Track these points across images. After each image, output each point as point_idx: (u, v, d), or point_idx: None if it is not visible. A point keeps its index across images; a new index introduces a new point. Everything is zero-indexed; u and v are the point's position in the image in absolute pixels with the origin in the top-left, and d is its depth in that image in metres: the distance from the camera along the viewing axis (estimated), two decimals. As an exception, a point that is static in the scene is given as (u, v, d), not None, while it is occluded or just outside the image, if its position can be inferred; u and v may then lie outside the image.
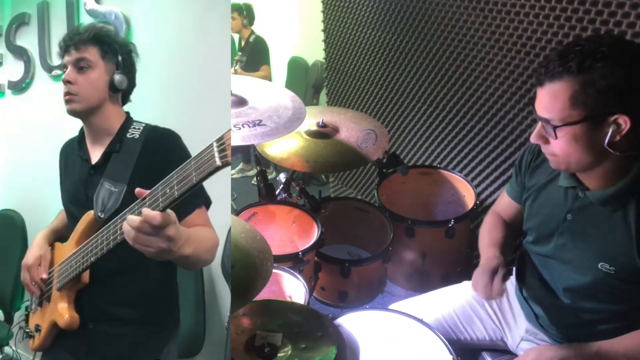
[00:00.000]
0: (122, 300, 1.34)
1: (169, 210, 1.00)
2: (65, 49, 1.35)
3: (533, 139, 1.15)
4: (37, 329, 1.39)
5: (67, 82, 1.32)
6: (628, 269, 1.12)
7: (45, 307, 1.37)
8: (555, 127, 1.08)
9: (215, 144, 0.87)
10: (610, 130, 1.04)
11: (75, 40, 1.33)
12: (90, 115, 1.36)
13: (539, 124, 1.13)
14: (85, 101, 1.33)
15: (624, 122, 1.03)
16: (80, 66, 1.33)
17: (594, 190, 1.16)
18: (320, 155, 1.79)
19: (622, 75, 1.01)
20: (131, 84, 1.43)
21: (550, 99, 1.07)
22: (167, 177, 0.98)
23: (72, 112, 1.35)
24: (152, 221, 0.98)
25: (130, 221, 1.00)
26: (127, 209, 1.09)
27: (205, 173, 0.89)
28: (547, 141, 1.13)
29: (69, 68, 1.34)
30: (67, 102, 1.33)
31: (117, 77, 1.36)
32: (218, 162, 0.87)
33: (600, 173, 1.13)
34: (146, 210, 0.98)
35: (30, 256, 1.41)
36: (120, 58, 1.37)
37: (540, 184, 1.31)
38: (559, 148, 1.11)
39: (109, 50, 1.36)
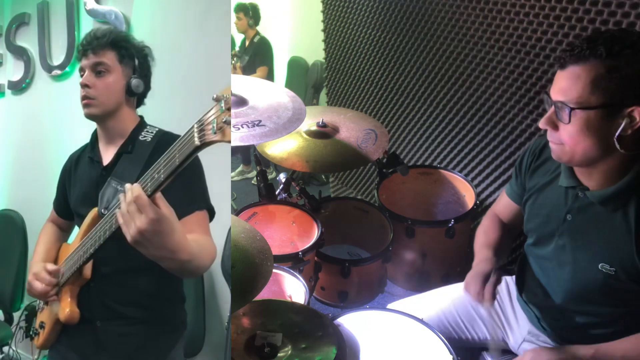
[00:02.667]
0: (130, 299, 1.34)
1: (168, 210, 1.01)
2: (83, 52, 1.36)
3: (542, 124, 1.13)
4: (42, 326, 1.40)
5: (84, 86, 1.33)
6: (628, 269, 1.12)
7: (51, 304, 1.38)
8: (571, 110, 1.06)
9: (195, 125, 0.90)
10: (623, 123, 1.03)
11: (93, 44, 1.34)
12: (106, 119, 1.37)
13: (551, 109, 1.11)
14: (102, 105, 1.34)
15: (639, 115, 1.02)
16: (98, 70, 1.34)
17: (593, 190, 1.16)
18: (320, 155, 1.79)
19: None
20: (147, 88, 1.44)
21: (570, 82, 1.06)
22: (156, 163, 1.00)
23: (90, 116, 1.36)
24: (134, 194, 0.99)
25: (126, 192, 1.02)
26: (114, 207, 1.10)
27: (186, 153, 0.92)
28: (556, 127, 1.11)
29: (87, 72, 1.35)
30: (85, 106, 1.34)
31: (134, 81, 1.37)
32: (197, 142, 0.89)
33: (600, 172, 1.13)
34: (135, 185, 1.00)
35: (34, 266, 1.39)
36: (136, 62, 1.39)
37: (541, 185, 1.30)
38: (568, 135, 1.09)
39: (126, 55, 1.37)
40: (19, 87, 2.70)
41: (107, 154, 1.39)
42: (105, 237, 1.15)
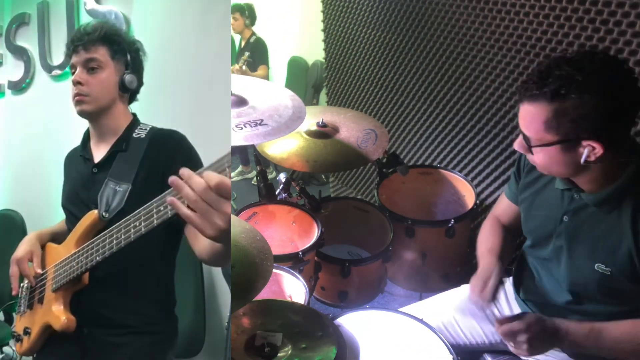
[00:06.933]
0: (121, 304, 1.30)
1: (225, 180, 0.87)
2: (73, 49, 1.33)
3: (515, 146, 1.18)
4: (26, 331, 1.35)
5: (77, 83, 1.30)
6: (624, 269, 1.13)
7: (36, 309, 1.34)
8: (530, 146, 1.12)
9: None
10: (586, 152, 1.06)
11: (84, 40, 1.31)
12: (100, 116, 1.35)
13: (520, 136, 1.16)
14: (95, 102, 1.32)
15: (597, 146, 1.05)
16: (90, 67, 1.31)
17: (588, 193, 1.17)
18: (320, 155, 1.79)
19: (595, 104, 1.01)
20: (140, 83, 1.42)
21: (526, 120, 1.11)
22: (162, 195, 0.95)
23: (83, 114, 1.33)
24: (220, 185, 0.84)
25: (195, 184, 0.86)
26: (136, 212, 1.07)
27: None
28: (528, 151, 1.16)
29: (78, 69, 1.32)
30: (78, 103, 1.31)
31: (127, 76, 1.35)
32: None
33: (591, 177, 1.14)
34: (209, 174, 0.85)
35: (20, 250, 1.39)
36: (129, 57, 1.36)
37: (538, 187, 1.32)
38: (539, 160, 1.15)
39: (118, 50, 1.34)
40: (19, 87, 2.69)
41: (98, 152, 1.36)
42: (120, 247, 1.12)
